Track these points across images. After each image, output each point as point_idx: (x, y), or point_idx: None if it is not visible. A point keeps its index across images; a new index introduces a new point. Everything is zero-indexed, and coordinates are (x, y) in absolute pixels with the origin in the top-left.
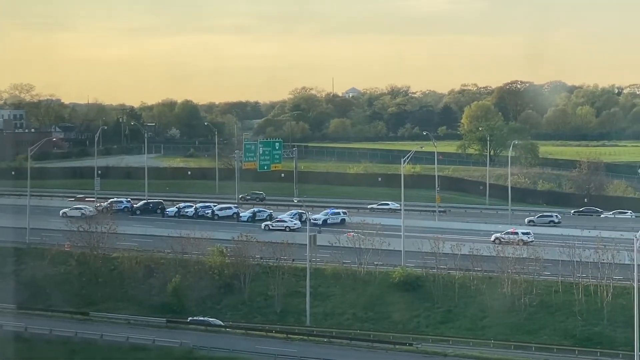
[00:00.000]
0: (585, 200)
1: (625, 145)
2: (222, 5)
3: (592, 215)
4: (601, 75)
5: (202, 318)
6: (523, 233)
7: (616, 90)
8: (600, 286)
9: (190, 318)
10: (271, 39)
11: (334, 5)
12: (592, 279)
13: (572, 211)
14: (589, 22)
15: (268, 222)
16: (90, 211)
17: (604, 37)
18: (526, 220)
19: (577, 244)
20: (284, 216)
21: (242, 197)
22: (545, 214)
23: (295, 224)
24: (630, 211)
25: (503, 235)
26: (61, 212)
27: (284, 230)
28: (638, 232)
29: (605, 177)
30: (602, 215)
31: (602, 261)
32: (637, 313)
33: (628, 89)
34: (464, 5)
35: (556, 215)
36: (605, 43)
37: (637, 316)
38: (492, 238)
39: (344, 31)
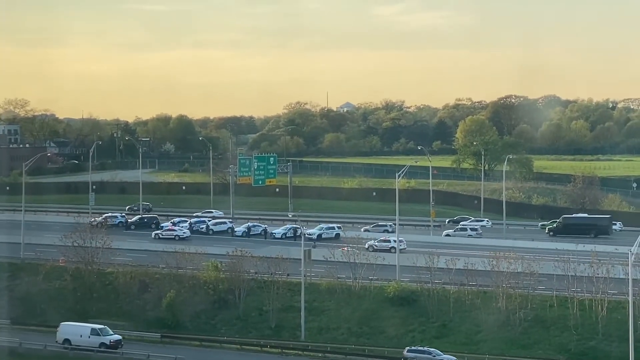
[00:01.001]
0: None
1: (619, 160)
2: (216, 20)
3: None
4: (595, 89)
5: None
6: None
7: (610, 105)
8: (595, 300)
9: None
10: (265, 54)
11: (328, 20)
12: (586, 293)
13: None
14: (583, 37)
15: (158, 232)
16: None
17: (598, 52)
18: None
19: (572, 258)
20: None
21: (129, 207)
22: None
23: (184, 232)
24: (619, 223)
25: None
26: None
27: (174, 239)
28: (633, 246)
29: (599, 191)
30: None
31: (597, 275)
32: (632, 327)
33: (622, 103)
34: (458, 20)
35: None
36: (599, 57)
37: (632, 331)
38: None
39: (338, 46)
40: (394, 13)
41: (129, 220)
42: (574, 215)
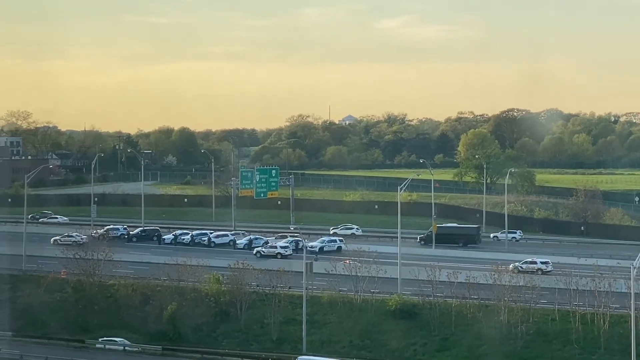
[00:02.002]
0: (582, 228)
1: (621, 174)
2: (218, 32)
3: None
4: (597, 103)
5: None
6: None
7: (612, 119)
8: (597, 314)
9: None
10: (267, 66)
11: (331, 33)
12: (588, 307)
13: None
14: (585, 50)
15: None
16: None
17: (600, 65)
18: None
19: (574, 271)
20: None
21: (31, 216)
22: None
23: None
24: (519, 231)
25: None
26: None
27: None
28: (635, 260)
29: (601, 205)
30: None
31: (599, 289)
32: (634, 341)
33: (624, 117)
34: (461, 34)
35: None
36: (601, 71)
37: (634, 345)
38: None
39: (340, 59)
40: (396, 26)
41: (131, 233)
42: (444, 225)
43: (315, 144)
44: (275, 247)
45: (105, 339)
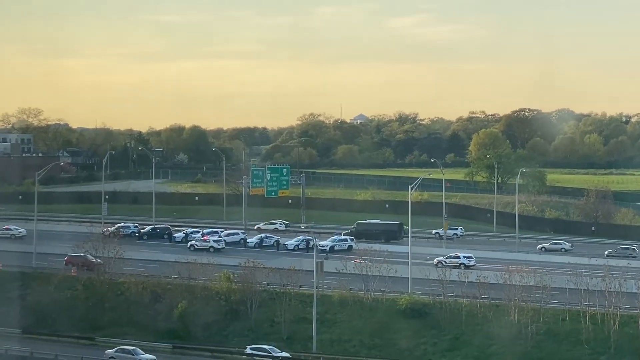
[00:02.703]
0: (593, 228)
1: (632, 174)
2: (229, 31)
3: None
4: (609, 103)
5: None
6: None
7: (624, 119)
8: (607, 315)
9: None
10: (279, 66)
11: (342, 32)
12: (599, 307)
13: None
14: (596, 50)
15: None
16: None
17: (612, 65)
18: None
19: (585, 272)
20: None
21: None
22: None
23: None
24: (460, 228)
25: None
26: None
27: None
28: None
29: (612, 205)
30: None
31: (609, 290)
32: None
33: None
34: (473, 34)
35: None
36: (613, 71)
37: None
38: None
39: (351, 58)
40: (408, 25)
41: (142, 231)
42: (366, 221)
43: (326, 142)
44: (208, 241)
45: (253, 346)
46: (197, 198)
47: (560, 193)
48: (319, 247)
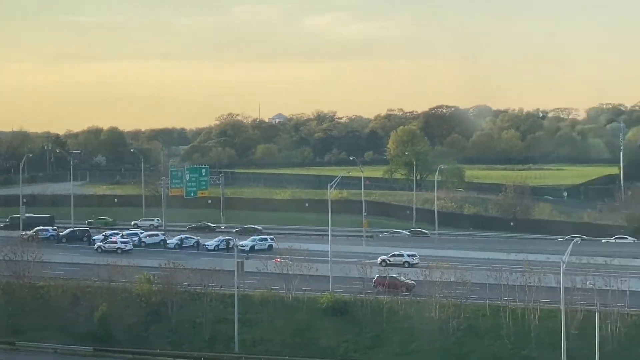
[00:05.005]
0: (512, 224)
1: (550, 169)
2: (147, 31)
3: None
4: (526, 99)
5: None
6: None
7: (540, 114)
8: (527, 309)
9: None
10: (196, 66)
11: (258, 32)
12: (519, 302)
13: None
14: (512, 47)
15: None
16: None
17: (527, 62)
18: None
19: (504, 267)
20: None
21: None
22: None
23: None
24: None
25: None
26: None
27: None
28: (564, 255)
29: (531, 200)
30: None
31: (529, 284)
32: (564, 336)
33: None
34: (391, 32)
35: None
36: (529, 68)
37: (564, 339)
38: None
39: (268, 57)
40: (326, 23)
41: (61, 234)
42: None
43: (245, 142)
44: (116, 242)
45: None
46: (116, 200)
47: (479, 189)
48: (239, 247)
